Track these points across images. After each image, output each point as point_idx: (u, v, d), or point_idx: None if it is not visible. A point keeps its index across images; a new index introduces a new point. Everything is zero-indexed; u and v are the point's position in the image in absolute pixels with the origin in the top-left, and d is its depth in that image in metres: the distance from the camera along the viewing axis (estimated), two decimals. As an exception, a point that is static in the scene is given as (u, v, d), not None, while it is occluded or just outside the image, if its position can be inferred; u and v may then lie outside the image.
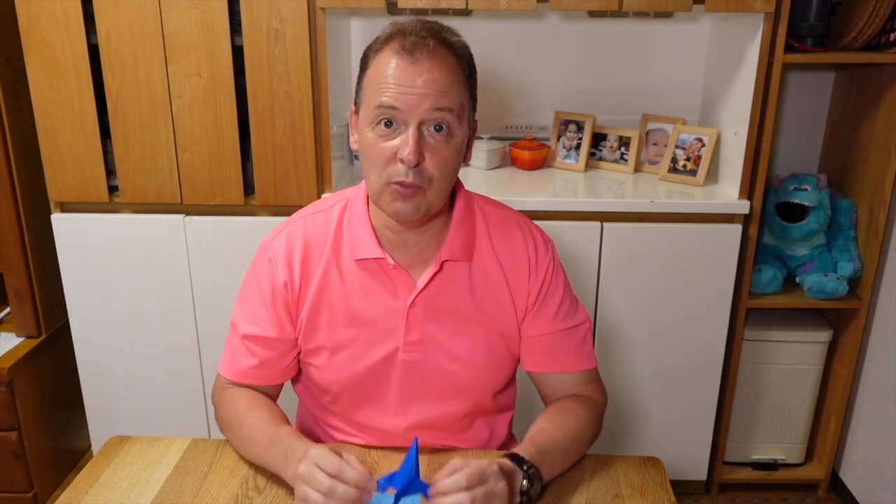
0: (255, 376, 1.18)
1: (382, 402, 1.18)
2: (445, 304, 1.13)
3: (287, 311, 1.15)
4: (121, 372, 2.11)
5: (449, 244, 1.12)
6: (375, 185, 1.04)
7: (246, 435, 1.11)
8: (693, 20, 2.21)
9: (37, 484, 2.12)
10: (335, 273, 1.13)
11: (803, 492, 2.29)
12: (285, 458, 1.03)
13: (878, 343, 2.07)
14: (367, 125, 1.03)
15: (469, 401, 1.19)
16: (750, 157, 1.92)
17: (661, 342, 2.06)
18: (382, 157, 1.01)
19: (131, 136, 1.90)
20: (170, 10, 1.80)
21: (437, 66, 1.00)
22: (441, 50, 1.01)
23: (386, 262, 1.11)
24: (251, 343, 1.16)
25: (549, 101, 2.29)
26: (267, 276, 1.15)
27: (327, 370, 1.16)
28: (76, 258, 2.00)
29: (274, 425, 1.10)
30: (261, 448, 1.08)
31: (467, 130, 1.07)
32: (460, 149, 1.06)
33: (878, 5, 1.78)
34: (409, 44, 0.99)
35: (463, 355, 1.15)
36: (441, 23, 1.06)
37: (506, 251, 1.16)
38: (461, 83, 1.03)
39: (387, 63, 1.00)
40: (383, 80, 1.00)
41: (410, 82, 0.99)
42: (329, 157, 1.91)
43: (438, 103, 0.99)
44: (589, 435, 1.15)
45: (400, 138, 1.00)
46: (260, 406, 1.14)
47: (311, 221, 1.16)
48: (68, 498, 1.07)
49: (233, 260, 1.96)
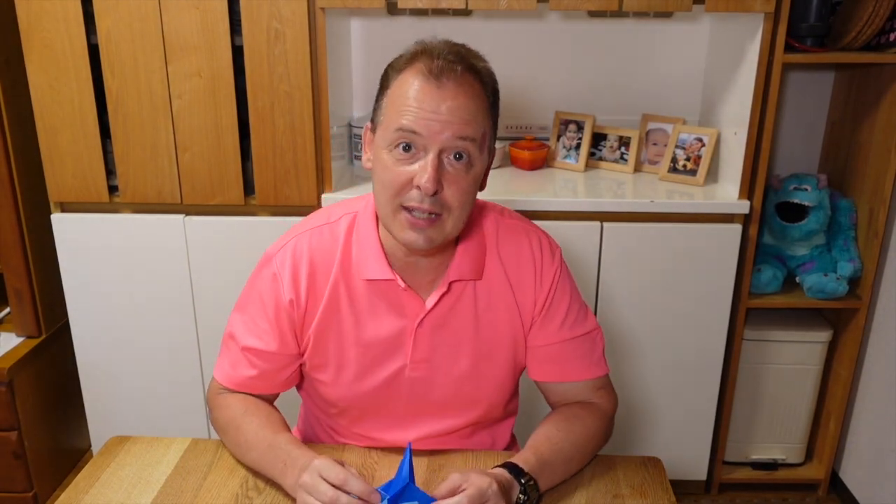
0: (254, 386, 1.16)
1: (388, 417, 1.17)
2: (453, 322, 1.12)
3: (291, 327, 1.12)
4: (121, 372, 2.11)
5: (457, 265, 1.10)
6: (386, 210, 1.01)
7: (243, 441, 1.10)
8: (693, 20, 2.21)
9: (37, 484, 2.12)
10: (344, 292, 1.11)
11: (803, 492, 2.29)
12: (284, 466, 1.02)
13: (878, 343, 2.07)
14: (384, 146, 0.99)
15: (474, 414, 1.18)
16: (750, 157, 1.92)
17: (661, 342, 2.06)
18: (397, 182, 0.98)
19: (131, 136, 1.90)
20: (170, 10, 1.80)
21: (462, 93, 0.96)
22: (468, 76, 0.98)
23: (396, 284, 1.08)
24: (252, 355, 1.13)
25: (549, 101, 2.29)
26: (271, 291, 1.11)
27: (334, 386, 1.15)
28: (76, 258, 2.00)
29: (272, 431, 1.08)
30: (258, 454, 1.07)
31: (487, 159, 1.04)
32: (479, 178, 1.03)
33: (878, 5, 1.78)
34: (437, 67, 0.96)
35: (469, 371, 1.14)
36: (468, 46, 1.03)
37: (512, 261, 1.13)
38: (485, 111, 1.00)
39: (410, 84, 0.97)
40: (405, 102, 0.97)
41: (434, 107, 0.95)
42: (329, 157, 1.91)
43: (461, 132, 0.96)
44: (595, 443, 1.14)
45: (418, 164, 0.97)
46: (257, 411, 1.12)
47: (317, 236, 1.12)
48: (68, 498, 1.07)
49: (233, 260, 1.96)
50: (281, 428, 1.10)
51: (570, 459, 1.09)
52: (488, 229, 1.14)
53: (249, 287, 1.16)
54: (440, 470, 1.13)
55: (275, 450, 1.05)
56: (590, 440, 1.12)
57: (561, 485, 1.10)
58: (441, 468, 1.13)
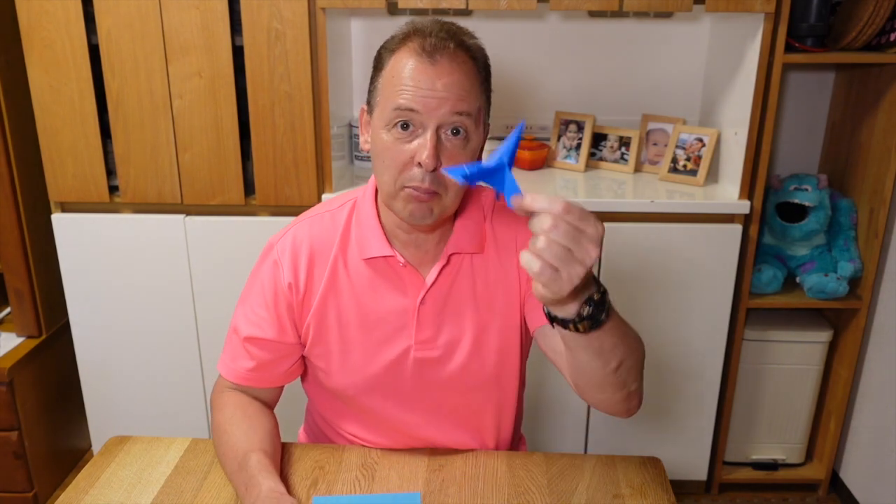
0: (253, 378, 1.17)
1: (396, 399, 1.17)
2: (453, 298, 1.13)
3: (290, 313, 1.14)
4: (121, 372, 2.11)
5: (455, 238, 1.12)
6: (389, 188, 1.02)
7: (224, 451, 1.11)
8: (693, 20, 2.21)
9: (37, 484, 2.12)
10: (343, 273, 1.13)
11: (803, 492, 2.29)
12: (246, 489, 1.02)
13: (878, 343, 2.07)
14: (381, 126, 1.01)
15: (481, 393, 1.18)
16: (750, 157, 1.92)
17: (661, 342, 2.06)
18: (398, 160, 1.00)
19: (132, 136, 1.90)
20: (170, 10, 1.80)
21: (457, 69, 0.98)
22: (460, 53, 1.00)
23: (395, 261, 1.10)
24: (251, 345, 1.15)
25: (549, 101, 2.29)
26: (270, 276, 1.14)
27: (339, 374, 1.15)
28: (76, 258, 2.00)
29: (246, 449, 1.08)
30: (229, 469, 1.09)
31: (482, 134, 1.06)
32: (476, 153, 1.05)
33: (879, 5, 1.78)
34: (429, 45, 0.98)
35: (474, 348, 1.14)
36: (458, 24, 1.05)
37: (505, 230, 1.14)
38: (479, 87, 1.02)
39: (405, 64, 0.99)
40: (401, 82, 0.98)
41: (430, 84, 0.97)
42: (329, 157, 1.91)
43: (457, 107, 0.98)
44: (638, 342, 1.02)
45: (417, 142, 0.99)
46: (242, 420, 1.13)
47: (318, 222, 1.15)
48: (68, 498, 1.07)
49: (233, 260, 1.96)
50: (256, 445, 1.09)
51: (626, 330, 0.97)
52: (486, 205, 1.16)
53: (252, 278, 1.18)
54: (440, 470, 1.13)
55: (243, 469, 1.05)
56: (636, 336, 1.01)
57: (561, 485, 1.10)
58: (441, 468, 1.13)
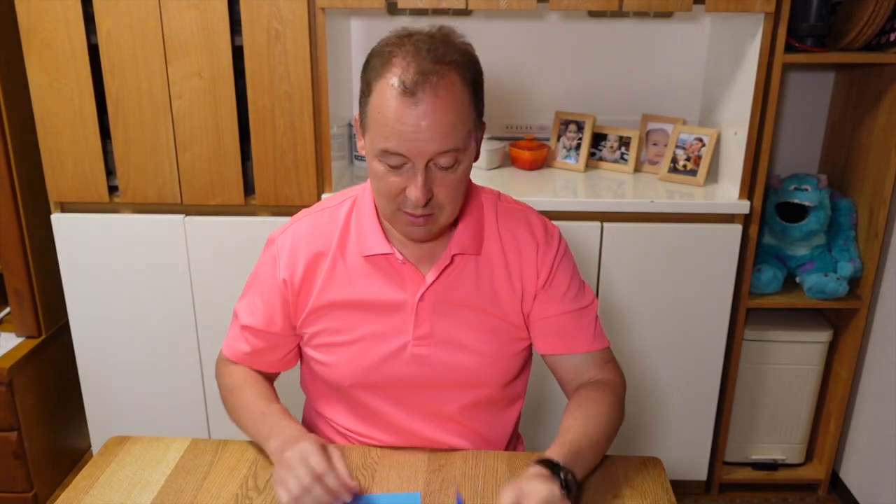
0: (249, 361, 1.23)
1: (392, 395, 1.18)
2: (454, 297, 1.14)
3: (284, 307, 1.17)
4: (121, 372, 2.11)
5: (458, 239, 1.12)
6: (385, 210, 1.06)
7: (241, 407, 1.16)
8: (693, 20, 2.21)
9: (37, 484, 2.12)
10: (342, 269, 1.14)
11: (803, 492, 2.29)
12: (270, 432, 1.08)
13: (878, 343, 2.07)
14: (373, 156, 1.02)
15: (478, 392, 1.19)
16: (750, 157, 1.92)
17: (661, 342, 2.06)
18: (392, 191, 1.02)
19: (131, 136, 1.90)
20: (170, 10, 1.80)
21: (440, 105, 0.95)
22: (444, 79, 0.96)
23: (394, 258, 1.12)
24: (247, 333, 1.20)
25: (549, 101, 2.29)
26: (269, 271, 1.17)
27: (336, 366, 1.17)
28: (76, 258, 2.00)
29: (267, 402, 1.14)
30: (251, 420, 1.13)
31: (475, 147, 1.06)
32: (469, 169, 1.05)
33: (879, 5, 1.78)
34: (411, 81, 0.95)
35: (472, 347, 1.15)
36: (444, 29, 1.02)
37: (511, 238, 1.16)
38: (466, 107, 1.00)
39: (388, 104, 0.96)
40: (385, 123, 0.97)
41: (414, 125, 0.96)
42: (329, 157, 1.91)
43: (444, 145, 0.98)
44: (615, 423, 1.14)
45: (407, 174, 1.00)
46: (256, 383, 1.19)
47: (318, 219, 1.17)
48: (68, 498, 1.07)
49: (233, 260, 1.96)
50: (274, 399, 1.17)
51: (597, 443, 1.09)
52: (487, 209, 1.17)
53: (255, 268, 1.22)
54: (440, 470, 1.13)
55: (266, 417, 1.11)
56: (609, 421, 1.12)
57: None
58: (441, 468, 1.13)
